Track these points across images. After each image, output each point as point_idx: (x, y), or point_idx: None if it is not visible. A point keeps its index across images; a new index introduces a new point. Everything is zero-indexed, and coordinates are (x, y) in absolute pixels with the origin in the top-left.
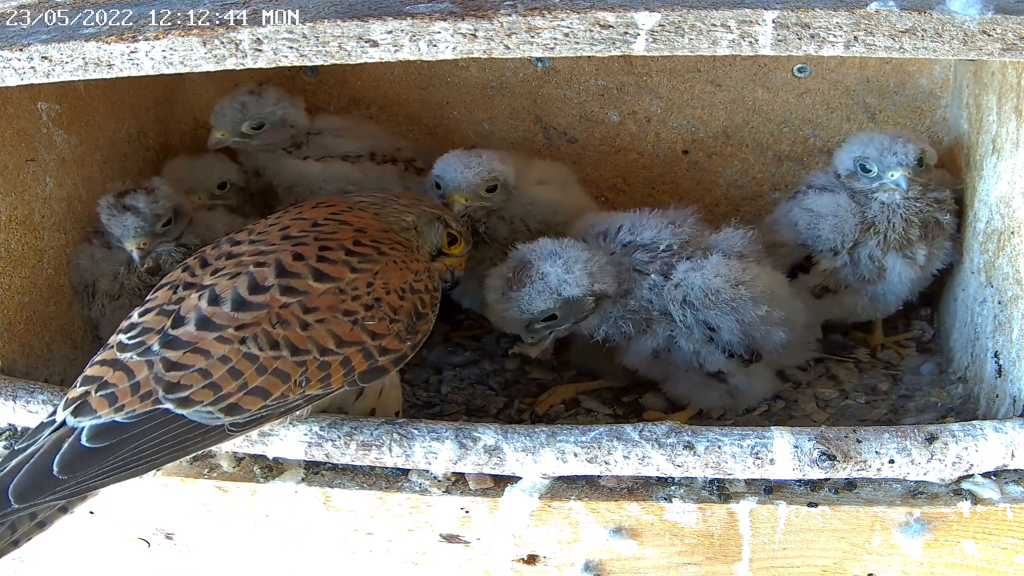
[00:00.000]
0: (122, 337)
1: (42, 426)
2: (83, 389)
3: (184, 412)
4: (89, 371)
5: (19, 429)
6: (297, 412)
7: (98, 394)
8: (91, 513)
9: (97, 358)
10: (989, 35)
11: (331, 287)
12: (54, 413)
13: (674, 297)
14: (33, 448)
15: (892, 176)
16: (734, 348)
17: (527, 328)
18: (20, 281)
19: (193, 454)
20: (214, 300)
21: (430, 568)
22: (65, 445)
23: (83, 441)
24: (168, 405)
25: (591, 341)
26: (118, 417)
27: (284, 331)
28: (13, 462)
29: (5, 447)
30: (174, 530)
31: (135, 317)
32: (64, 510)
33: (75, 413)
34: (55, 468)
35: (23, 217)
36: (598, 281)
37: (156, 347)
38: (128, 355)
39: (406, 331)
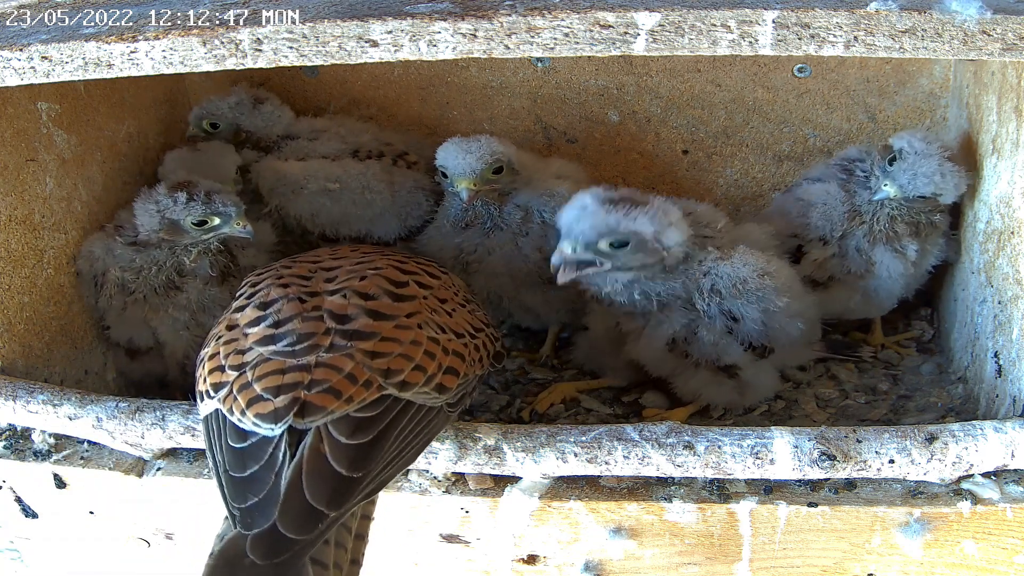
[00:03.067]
0: (268, 349)
1: (251, 451)
2: (279, 403)
3: (406, 396)
4: (259, 387)
5: (19, 429)
6: (474, 393)
7: (314, 391)
8: (91, 513)
9: (252, 374)
10: (989, 35)
11: (439, 283)
12: (253, 438)
13: (702, 285)
14: (296, 460)
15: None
16: (753, 339)
17: (586, 247)
18: (20, 281)
19: (435, 436)
20: (367, 297)
21: (430, 568)
22: (326, 449)
23: (340, 438)
24: (391, 391)
25: (607, 305)
26: (350, 410)
27: (439, 318)
28: (273, 489)
29: (5, 447)
30: (174, 530)
31: (258, 330)
32: (366, 517)
33: (301, 415)
34: (338, 467)
35: (23, 217)
36: (683, 246)
37: (342, 342)
38: (305, 358)
39: (494, 325)
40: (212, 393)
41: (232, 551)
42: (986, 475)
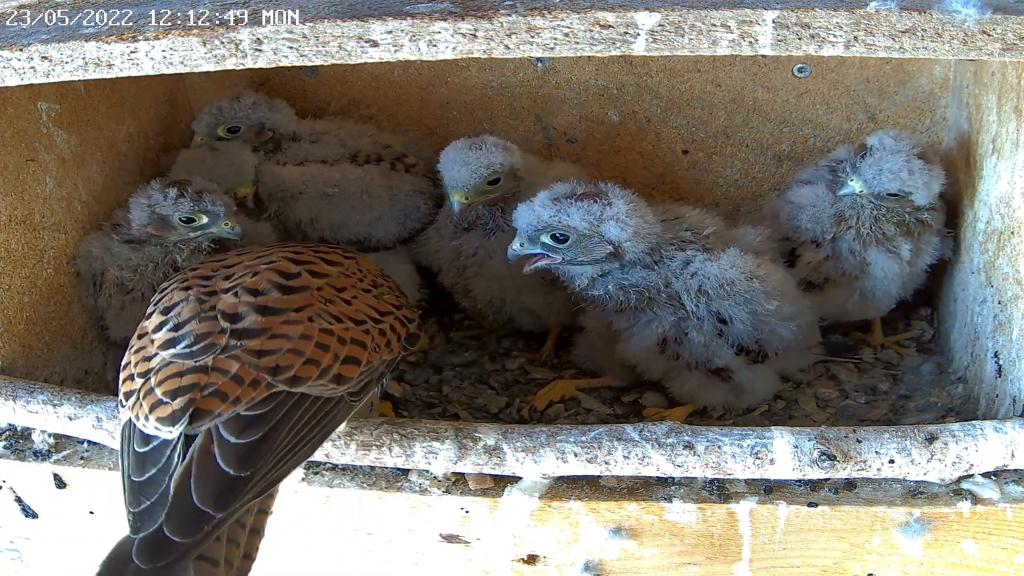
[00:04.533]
0: (170, 353)
1: (151, 455)
2: (176, 405)
3: (300, 390)
4: (160, 391)
5: (19, 429)
6: (384, 379)
7: (204, 395)
8: (91, 513)
9: (155, 380)
10: (989, 35)
11: (339, 270)
12: (155, 442)
13: (689, 286)
14: (185, 462)
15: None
16: (744, 342)
17: (530, 236)
18: (20, 281)
19: (337, 427)
20: (255, 293)
21: (430, 568)
22: (215, 449)
23: (229, 438)
24: (281, 387)
25: (591, 306)
26: (240, 410)
27: (335, 307)
28: (164, 492)
29: (5, 447)
30: None
31: (161, 335)
32: (263, 512)
33: (192, 421)
34: (225, 467)
35: (23, 217)
36: (636, 240)
37: (233, 343)
38: (203, 359)
39: (408, 307)
40: (124, 403)
41: (119, 556)
42: (986, 475)
